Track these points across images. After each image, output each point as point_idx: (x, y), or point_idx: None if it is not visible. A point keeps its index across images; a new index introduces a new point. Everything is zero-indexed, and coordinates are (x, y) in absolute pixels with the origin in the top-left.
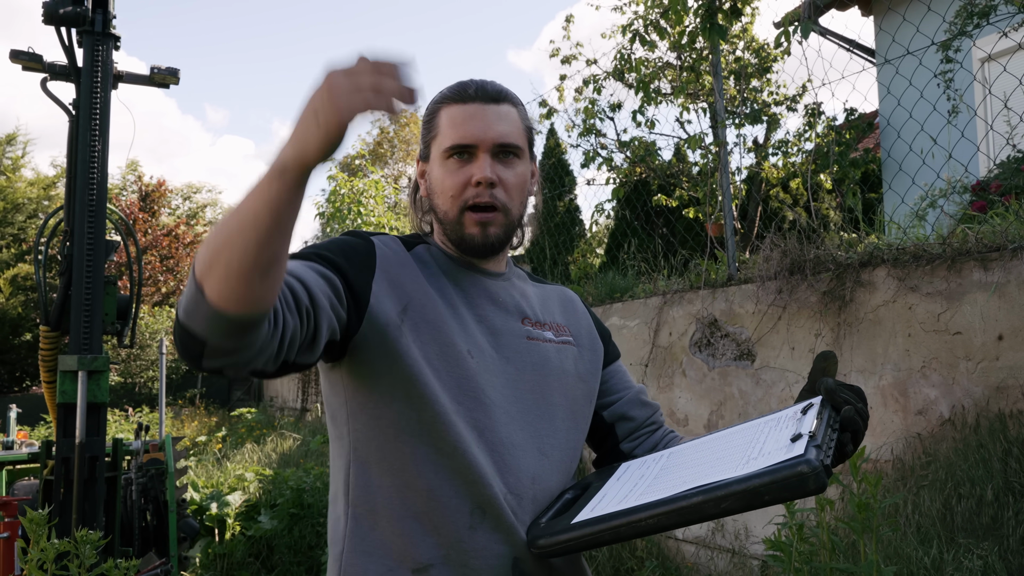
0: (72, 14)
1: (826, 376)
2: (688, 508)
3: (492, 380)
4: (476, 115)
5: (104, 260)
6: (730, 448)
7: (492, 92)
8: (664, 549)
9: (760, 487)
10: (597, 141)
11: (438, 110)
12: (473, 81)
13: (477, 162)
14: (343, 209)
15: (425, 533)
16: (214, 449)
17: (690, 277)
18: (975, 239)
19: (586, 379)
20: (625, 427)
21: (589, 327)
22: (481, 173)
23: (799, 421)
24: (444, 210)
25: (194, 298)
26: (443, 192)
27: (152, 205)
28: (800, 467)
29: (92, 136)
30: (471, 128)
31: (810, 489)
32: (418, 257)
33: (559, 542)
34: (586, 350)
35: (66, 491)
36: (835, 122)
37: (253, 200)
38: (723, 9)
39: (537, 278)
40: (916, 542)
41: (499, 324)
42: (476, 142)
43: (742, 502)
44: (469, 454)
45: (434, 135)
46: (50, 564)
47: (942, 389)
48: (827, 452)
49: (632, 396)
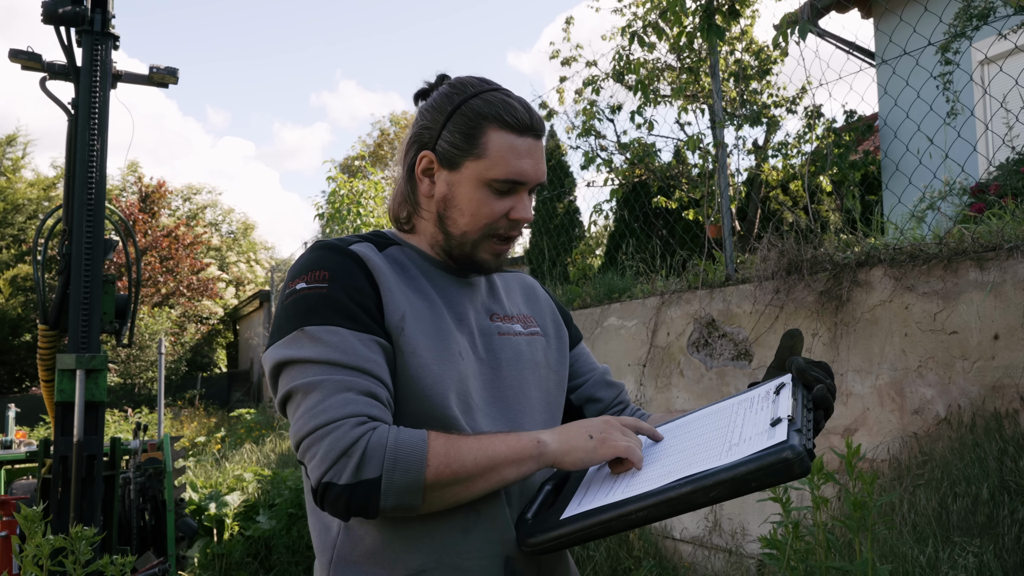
0: (71, 13)
1: (793, 354)
2: (678, 499)
3: (475, 382)
4: (531, 152)
5: (103, 259)
6: (709, 433)
7: (540, 126)
8: (661, 549)
9: (747, 474)
10: (597, 143)
11: (484, 128)
12: (525, 107)
13: (520, 200)
14: (343, 210)
15: (418, 539)
16: (213, 449)
17: (688, 277)
18: (971, 239)
19: (556, 368)
20: (593, 408)
21: (552, 312)
22: (526, 213)
23: (774, 403)
24: (465, 230)
25: (411, 493)
26: (474, 215)
27: (152, 206)
28: (785, 453)
29: (91, 135)
30: (526, 167)
31: (795, 474)
32: (393, 259)
33: (550, 539)
34: (552, 339)
35: (64, 490)
36: (835, 124)
37: (505, 463)
38: (721, 10)
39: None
40: (912, 541)
41: (475, 324)
42: (527, 181)
43: (730, 490)
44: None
45: (477, 155)
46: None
47: (938, 388)
48: (807, 435)
49: (598, 377)
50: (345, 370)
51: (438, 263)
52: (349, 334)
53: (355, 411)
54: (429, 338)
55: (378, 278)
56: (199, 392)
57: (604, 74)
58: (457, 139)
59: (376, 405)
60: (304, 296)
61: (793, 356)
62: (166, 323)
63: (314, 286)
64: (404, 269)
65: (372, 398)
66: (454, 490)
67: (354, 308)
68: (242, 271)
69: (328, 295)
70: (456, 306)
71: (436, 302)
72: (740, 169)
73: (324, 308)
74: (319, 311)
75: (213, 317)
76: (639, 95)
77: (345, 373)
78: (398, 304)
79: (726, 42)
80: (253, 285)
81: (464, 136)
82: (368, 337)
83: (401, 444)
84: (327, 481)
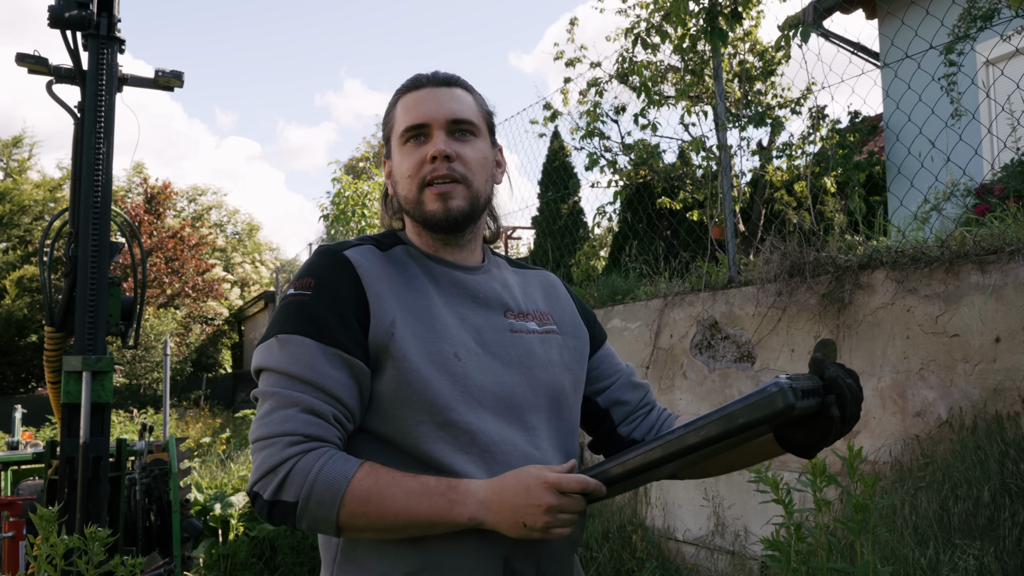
0: (77, 17)
1: None
2: (673, 441)
3: (480, 378)
4: (428, 97)
5: (108, 262)
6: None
7: (443, 77)
8: (664, 550)
9: (735, 412)
10: (601, 144)
11: (395, 103)
12: (425, 72)
13: (432, 140)
14: (347, 211)
15: (419, 538)
16: (218, 450)
17: (691, 280)
18: (973, 242)
19: (571, 367)
20: (620, 411)
21: (572, 312)
22: (435, 147)
23: None
24: (405, 193)
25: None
26: (402, 175)
27: (157, 207)
28: (770, 387)
29: (97, 139)
30: (423, 109)
31: (779, 407)
32: (395, 259)
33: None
34: (570, 337)
35: (70, 491)
36: (839, 125)
37: (426, 525)
38: (724, 13)
39: (518, 262)
40: (913, 543)
41: (481, 322)
42: (428, 120)
43: (719, 428)
44: (458, 464)
45: (392, 126)
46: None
47: (940, 391)
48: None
49: (624, 380)
50: (298, 383)
51: (438, 258)
52: (314, 346)
53: (291, 429)
54: (421, 341)
55: (367, 285)
56: (204, 393)
57: (608, 76)
58: (384, 129)
59: (317, 423)
60: (289, 302)
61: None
62: (171, 324)
63: (300, 293)
64: (405, 269)
65: (314, 415)
66: (368, 532)
67: (330, 318)
68: (247, 272)
69: (307, 303)
70: (458, 305)
71: (435, 302)
72: (744, 170)
73: (299, 317)
74: (294, 320)
75: (218, 318)
76: (642, 96)
77: (296, 387)
78: (388, 310)
79: (730, 43)
80: (258, 286)
81: (385, 122)
82: (332, 351)
83: (323, 477)
84: (255, 491)
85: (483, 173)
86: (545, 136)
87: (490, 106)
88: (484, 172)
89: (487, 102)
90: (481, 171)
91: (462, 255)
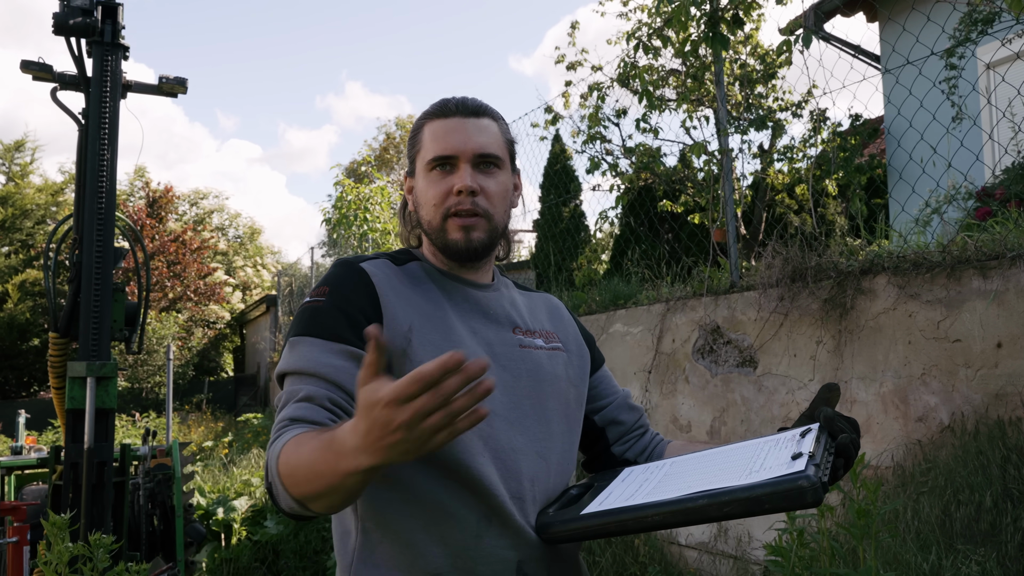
0: (82, 25)
1: (828, 406)
2: (693, 509)
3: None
4: (457, 128)
5: (112, 267)
6: (732, 461)
7: (472, 107)
8: (667, 554)
9: (762, 496)
10: (603, 147)
11: (421, 126)
12: (454, 98)
13: (459, 172)
14: (349, 215)
15: (432, 543)
16: (220, 454)
17: (693, 284)
18: (974, 247)
19: (576, 384)
20: (616, 431)
21: (575, 333)
22: (462, 182)
23: (799, 443)
24: (428, 219)
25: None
26: (427, 202)
27: (159, 211)
28: (800, 481)
29: (101, 145)
30: (452, 140)
31: (808, 502)
32: (410, 274)
33: (569, 530)
34: (574, 355)
35: (75, 496)
36: (840, 128)
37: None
38: (725, 19)
39: (523, 286)
40: (915, 548)
41: (492, 336)
42: (457, 153)
43: (743, 508)
44: (475, 466)
45: (418, 150)
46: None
47: (942, 396)
48: (824, 471)
49: (620, 401)
50: (301, 378)
51: (451, 275)
52: (319, 343)
53: (284, 416)
54: (439, 349)
55: (381, 293)
56: (206, 396)
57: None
58: (408, 148)
59: (306, 407)
60: (304, 309)
61: (824, 407)
62: (173, 328)
63: (314, 300)
64: (420, 283)
65: (306, 401)
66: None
67: (339, 319)
68: (249, 275)
69: (320, 308)
70: (470, 320)
71: (449, 314)
72: (745, 173)
73: (310, 320)
74: (306, 323)
75: (220, 321)
76: (643, 101)
77: (298, 382)
78: (403, 317)
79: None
80: (260, 289)
81: (411, 142)
82: (338, 347)
83: (270, 457)
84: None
85: (503, 205)
86: (546, 140)
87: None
88: (504, 203)
89: (510, 129)
90: (502, 203)
91: (476, 275)
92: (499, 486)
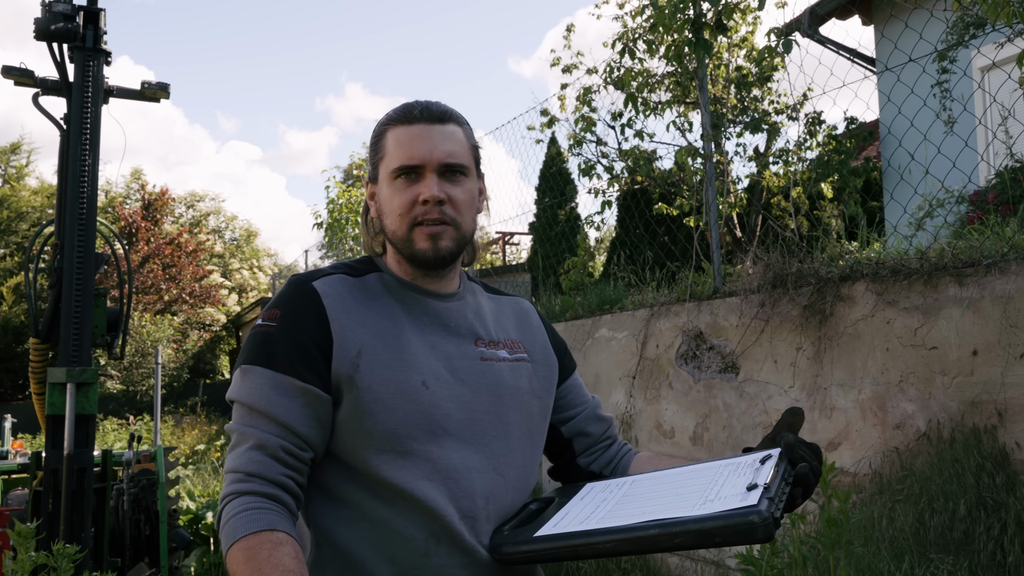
0: (63, 30)
1: (791, 431)
2: (644, 539)
3: (447, 407)
4: (422, 135)
5: (94, 273)
6: (689, 486)
7: (437, 112)
8: (649, 560)
9: (712, 529)
10: (599, 150)
11: (384, 132)
12: (418, 102)
13: (425, 181)
14: (341, 219)
15: (381, 562)
16: (212, 457)
17: (678, 289)
18: (951, 254)
19: (540, 395)
20: (582, 442)
21: (544, 341)
22: (429, 192)
23: (757, 471)
24: (393, 229)
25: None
26: (392, 211)
27: (155, 214)
28: (752, 516)
29: (82, 150)
30: (417, 149)
31: (758, 537)
32: (367, 287)
33: (521, 552)
34: (540, 365)
35: (54, 502)
36: (835, 131)
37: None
38: (708, 24)
39: (493, 289)
40: (889, 557)
41: (452, 350)
42: (423, 162)
43: (694, 540)
44: (419, 489)
45: (381, 156)
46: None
47: (919, 403)
48: (778, 505)
49: (589, 412)
50: (254, 416)
51: (413, 286)
52: (270, 376)
53: (237, 467)
54: (389, 370)
55: (332, 316)
56: (201, 399)
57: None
58: (370, 154)
59: (260, 460)
60: (255, 333)
61: (786, 432)
62: (168, 330)
63: (265, 325)
64: (376, 297)
65: (260, 451)
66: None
67: (289, 349)
68: (245, 278)
69: (271, 335)
70: (429, 334)
71: (405, 330)
72: (741, 176)
73: (261, 349)
74: (256, 351)
75: (216, 324)
76: (628, 106)
77: (250, 421)
78: (353, 340)
79: (725, 49)
80: (256, 292)
81: (373, 147)
82: (287, 380)
83: (225, 528)
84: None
85: (470, 212)
86: (542, 142)
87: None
88: (471, 211)
89: (473, 133)
90: (469, 211)
91: (439, 284)
92: (446, 507)
